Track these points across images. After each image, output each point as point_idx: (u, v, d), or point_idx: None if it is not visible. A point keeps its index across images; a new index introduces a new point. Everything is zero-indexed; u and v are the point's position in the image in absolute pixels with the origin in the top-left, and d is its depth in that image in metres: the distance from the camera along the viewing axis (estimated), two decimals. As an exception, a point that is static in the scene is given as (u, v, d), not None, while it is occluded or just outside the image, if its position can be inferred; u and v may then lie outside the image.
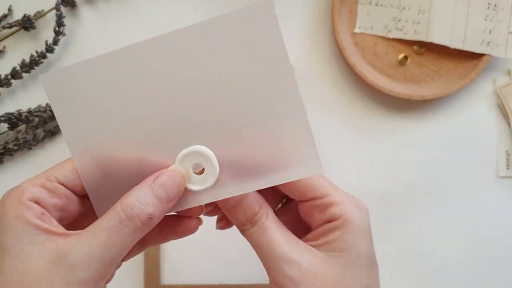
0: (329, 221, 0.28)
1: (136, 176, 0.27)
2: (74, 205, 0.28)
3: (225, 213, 0.29)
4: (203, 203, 0.28)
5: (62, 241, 0.25)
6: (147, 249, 0.50)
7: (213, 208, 0.31)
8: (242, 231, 0.28)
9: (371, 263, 0.29)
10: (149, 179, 0.26)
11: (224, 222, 0.32)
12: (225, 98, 0.26)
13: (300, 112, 0.26)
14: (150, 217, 0.25)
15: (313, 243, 0.28)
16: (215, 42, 0.26)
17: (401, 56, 0.49)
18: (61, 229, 0.26)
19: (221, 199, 0.27)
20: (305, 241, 0.28)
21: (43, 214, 0.26)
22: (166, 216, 0.28)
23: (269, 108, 0.26)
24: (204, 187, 0.27)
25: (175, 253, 0.51)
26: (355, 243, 0.28)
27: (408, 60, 0.50)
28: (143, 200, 0.25)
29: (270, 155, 0.26)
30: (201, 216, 0.31)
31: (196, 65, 0.26)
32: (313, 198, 0.29)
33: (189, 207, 0.28)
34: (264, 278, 0.50)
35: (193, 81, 0.26)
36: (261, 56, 0.26)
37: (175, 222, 0.30)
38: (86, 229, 0.26)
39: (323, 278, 0.26)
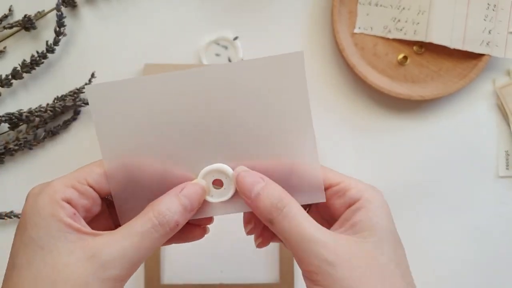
0: (350, 205, 0.29)
1: (160, 186, 0.30)
2: (97, 206, 0.30)
3: (251, 207, 0.30)
4: (218, 215, 0.31)
5: (92, 240, 0.27)
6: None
7: (253, 227, 0.33)
8: (270, 221, 0.29)
9: (397, 241, 0.30)
10: (176, 190, 0.29)
11: (261, 240, 0.33)
12: (249, 129, 0.30)
13: (312, 154, 0.30)
14: (177, 224, 0.28)
15: (341, 229, 0.29)
16: (248, 80, 0.30)
17: (400, 56, 0.49)
18: (89, 229, 0.28)
19: (233, 212, 0.30)
20: (332, 231, 0.29)
21: (74, 214, 0.28)
22: None
23: (286, 146, 0.30)
24: (221, 200, 0.31)
25: (175, 253, 0.51)
26: (380, 220, 0.29)
27: (408, 60, 0.50)
28: (172, 209, 0.28)
29: (282, 183, 0.30)
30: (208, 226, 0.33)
31: (228, 97, 0.30)
32: (329, 186, 0.30)
33: (205, 216, 0.31)
34: (264, 278, 0.50)
35: (223, 110, 0.30)
36: (286, 98, 0.30)
37: (185, 229, 0.31)
38: (118, 230, 0.28)
39: (358, 259, 0.27)
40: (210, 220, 0.33)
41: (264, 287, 0.50)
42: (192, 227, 0.33)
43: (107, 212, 0.32)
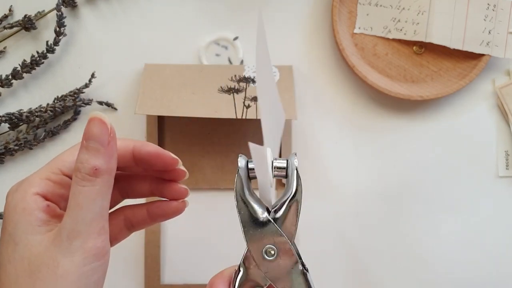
0: None
1: None
2: None
3: None
4: None
5: (57, 224, 0.28)
6: (147, 249, 0.51)
7: None
8: None
9: None
10: (82, 139, 0.28)
11: None
12: None
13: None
14: (96, 169, 0.28)
15: None
16: None
17: (415, 47, 0.50)
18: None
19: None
20: None
21: (48, 206, 0.28)
22: (155, 201, 0.33)
23: None
24: None
25: (175, 253, 0.51)
26: None
27: (423, 49, 0.50)
28: (83, 159, 0.28)
29: None
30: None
31: None
32: None
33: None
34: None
35: None
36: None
37: (164, 205, 0.33)
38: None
39: None
40: (185, 192, 0.34)
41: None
42: (170, 202, 0.34)
43: None
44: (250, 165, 0.31)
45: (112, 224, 0.33)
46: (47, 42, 0.49)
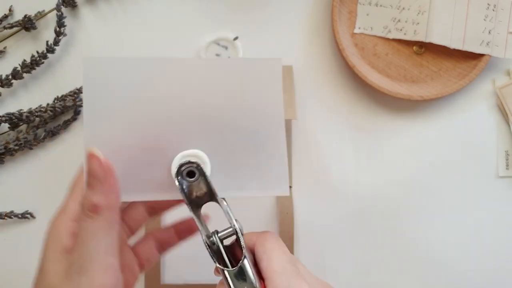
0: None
1: (137, 161, 0.31)
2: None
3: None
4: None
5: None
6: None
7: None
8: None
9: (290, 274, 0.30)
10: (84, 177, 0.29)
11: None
12: (226, 121, 0.32)
13: (281, 150, 0.33)
14: (95, 205, 0.28)
15: None
16: (230, 77, 0.32)
17: (415, 47, 0.50)
18: None
19: (215, 189, 0.31)
20: None
21: (74, 233, 0.29)
22: (181, 220, 0.35)
23: (259, 137, 0.32)
24: None
25: (175, 253, 0.51)
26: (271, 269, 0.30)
27: (423, 49, 0.50)
28: (86, 195, 0.29)
29: (252, 173, 0.32)
30: (204, 217, 0.33)
31: (211, 89, 0.32)
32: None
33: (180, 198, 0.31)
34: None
35: (204, 101, 0.32)
36: (263, 98, 0.32)
37: (188, 221, 0.35)
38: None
39: None
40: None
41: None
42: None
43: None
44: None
45: (145, 249, 0.34)
46: (47, 42, 0.49)
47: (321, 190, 0.51)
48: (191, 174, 0.31)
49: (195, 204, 0.31)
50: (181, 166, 0.31)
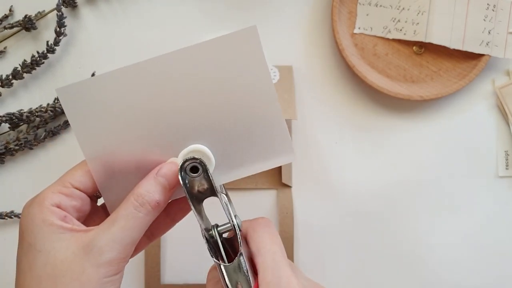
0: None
1: (141, 172, 0.32)
2: (87, 205, 0.32)
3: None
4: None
5: (84, 234, 0.29)
6: (147, 249, 0.51)
7: None
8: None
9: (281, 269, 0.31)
10: (153, 172, 0.31)
11: None
12: (218, 106, 0.32)
13: (278, 117, 0.32)
14: (157, 203, 0.30)
15: None
16: (210, 60, 0.31)
17: (415, 47, 0.50)
18: (83, 227, 0.30)
19: (216, 185, 0.32)
20: None
21: (65, 216, 0.30)
22: (170, 202, 0.34)
23: (254, 112, 0.32)
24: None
25: (175, 253, 0.51)
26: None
27: (423, 49, 0.50)
28: (151, 190, 0.30)
29: (256, 149, 0.32)
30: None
31: (193, 80, 0.31)
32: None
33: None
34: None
35: (190, 93, 0.31)
36: (248, 72, 0.31)
37: (179, 200, 0.34)
38: (105, 220, 0.30)
39: None
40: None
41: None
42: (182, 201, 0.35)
43: (101, 210, 0.34)
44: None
45: None
46: (47, 42, 0.49)
47: (321, 190, 0.51)
48: (194, 169, 0.31)
49: (196, 199, 0.32)
50: (185, 162, 0.31)
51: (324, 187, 0.51)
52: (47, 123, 0.50)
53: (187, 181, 0.31)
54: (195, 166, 0.31)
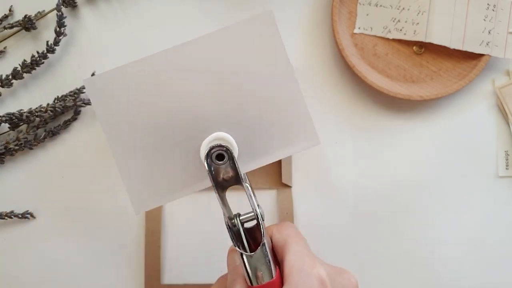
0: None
1: (166, 163, 0.32)
2: None
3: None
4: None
5: None
6: (147, 249, 0.51)
7: None
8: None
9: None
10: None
11: None
12: (238, 92, 0.32)
13: (299, 100, 0.32)
14: None
15: None
16: (229, 46, 0.31)
17: (415, 47, 0.50)
18: None
19: (241, 172, 0.32)
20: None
21: None
22: None
23: (274, 97, 0.32)
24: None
25: (175, 253, 0.51)
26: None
27: (423, 49, 0.50)
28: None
29: (279, 134, 0.32)
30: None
31: (214, 66, 0.31)
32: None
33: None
34: (264, 278, 0.50)
35: (210, 79, 0.31)
36: (266, 56, 0.31)
37: None
38: None
39: None
40: None
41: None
42: None
43: None
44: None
45: None
46: (47, 42, 0.49)
47: (321, 190, 0.51)
48: (220, 157, 0.31)
49: (221, 186, 0.32)
50: (211, 149, 0.31)
51: (324, 187, 0.51)
52: (47, 123, 0.50)
53: (212, 168, 0.31)
54: (221, 154, 0.31)
